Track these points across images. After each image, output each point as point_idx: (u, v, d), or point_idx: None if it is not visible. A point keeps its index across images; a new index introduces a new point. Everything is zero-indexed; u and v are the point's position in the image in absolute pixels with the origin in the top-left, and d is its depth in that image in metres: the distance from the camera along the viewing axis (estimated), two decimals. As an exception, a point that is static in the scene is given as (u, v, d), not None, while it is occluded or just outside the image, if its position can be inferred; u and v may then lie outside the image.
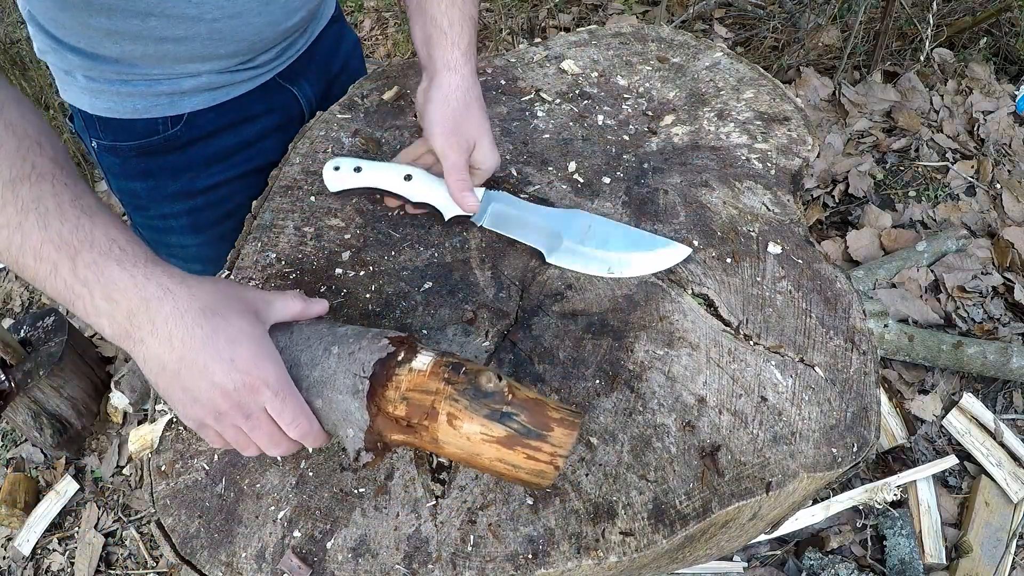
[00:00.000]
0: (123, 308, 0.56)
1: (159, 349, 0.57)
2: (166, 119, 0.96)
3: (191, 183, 1.03)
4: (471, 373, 0.58)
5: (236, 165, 1.05)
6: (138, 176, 1.02)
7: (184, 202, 1.05)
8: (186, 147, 0.99)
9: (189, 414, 0.60)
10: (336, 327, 0.65)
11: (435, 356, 0.60)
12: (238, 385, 0.57)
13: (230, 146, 1.03)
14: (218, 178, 1.04)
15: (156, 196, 1.04)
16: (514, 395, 0.57)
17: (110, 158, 1.00)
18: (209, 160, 1.02)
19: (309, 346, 0.63)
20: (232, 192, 1.04)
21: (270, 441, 0.61)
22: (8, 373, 1.93)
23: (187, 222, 1.07)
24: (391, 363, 0.59)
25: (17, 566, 1.91)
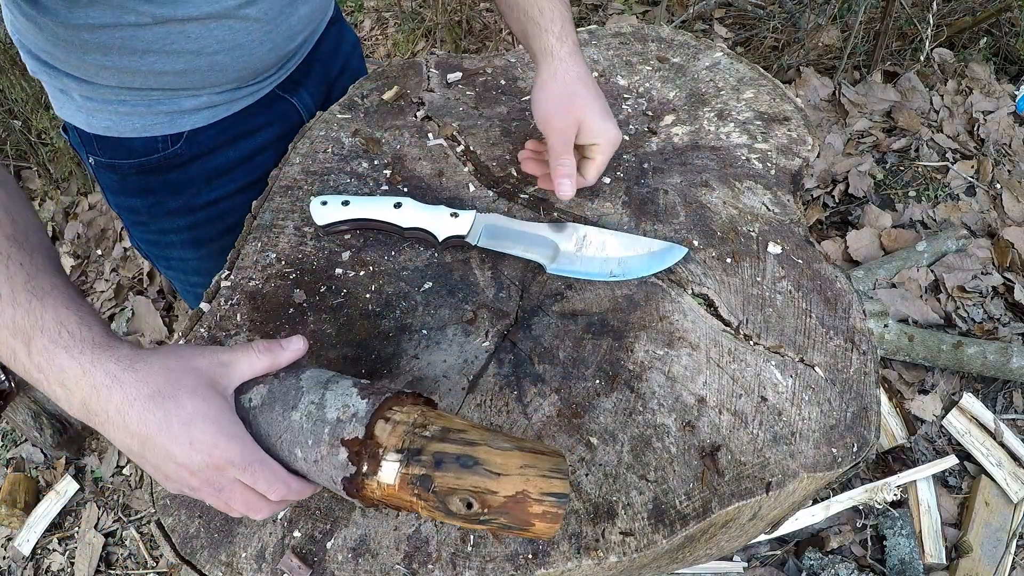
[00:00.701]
0: (77, 396, 0.55)
1: (118, 434, 0.56)
2: (165, 137, 0.94)
3: (192, 199, 1.02)
4: (441, 493, 0.54)
5: (236, 179, 1.04)
6: (137, 193, 1.01)
7: (185, 217, 1.04)
8: (186, 165, 0.98)
9: (166, 486, 0.60)
10: (290, 414, 0.59)
11: (400, 464, 0.56)
12: (201, 466, 0.56)
13: (231, 161, 1.02)
14: (218, 193, 1.03)
15: (156, 212, 1.03)
16: (489, 507, 0.54)
17: (108, 175, 0.99)
18: (210, 176, 1.01)
19: (271, 437, 0.60)
20: (233, 207, 1.03)
21: (249, 508, 0.59)
22: (8, 373, 1.93)
23: (188, 237, 1.06)
24: (357, 480, 0.57)
25: (17, 566, 1.91)
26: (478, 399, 0.74)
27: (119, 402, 0.55)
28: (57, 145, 2.89)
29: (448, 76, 1.12)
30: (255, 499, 0.59)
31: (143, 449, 0.56)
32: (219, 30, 0.83)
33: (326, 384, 0.61)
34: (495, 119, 1.04)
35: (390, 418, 0.58)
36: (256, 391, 0.61)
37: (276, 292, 0.84)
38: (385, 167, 0.97)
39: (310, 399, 0.59)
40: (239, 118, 0.98)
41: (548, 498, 0.53)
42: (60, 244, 2.82)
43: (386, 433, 0.57)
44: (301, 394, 0.60)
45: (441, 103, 1.07)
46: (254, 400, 0.60)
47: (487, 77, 1.12)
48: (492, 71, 1.14)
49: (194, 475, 0.57)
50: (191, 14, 0.79)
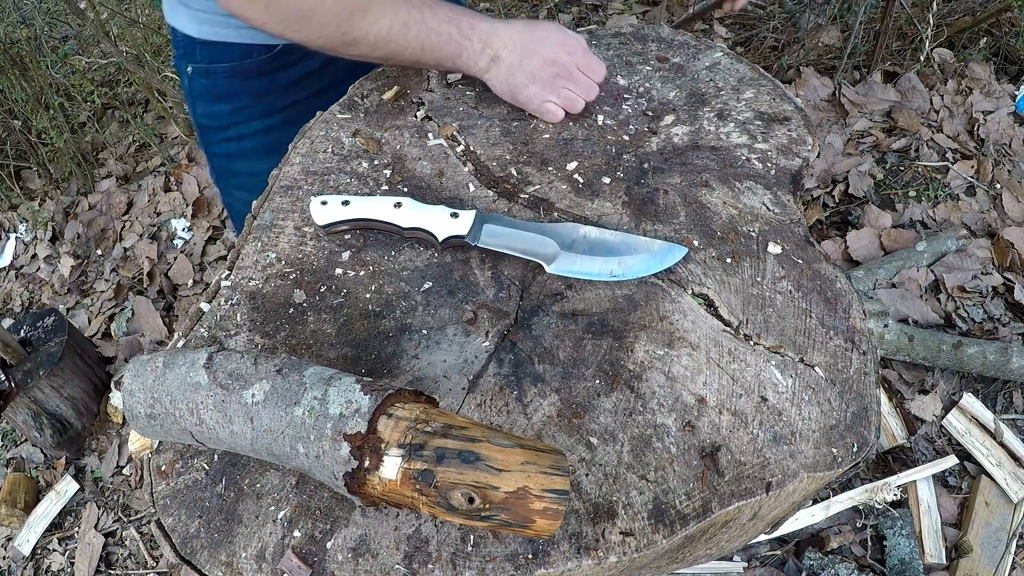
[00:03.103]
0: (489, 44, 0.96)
1: (509, 55, 0.97)
2: (262, 47, 1.10)
3: (272, 103, 1.17)
4: (442, 488, 0.55)
5: (312, 84, 1.19)
6: (225, 97, 1.16)
7: (263, 120, 1.19)
8: (274, 72, 1.14)
9: (534, 94, 0.99)
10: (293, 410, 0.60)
11: (401, 460, 0.56)
12: (560, 49, 0.97)
13: (311, 70, 1.16)
14: (296, 97, 1.18)
15: (238, 117, 1.18)
16: (490, 502, 0.54)
17: (202, 81, 1.15)
18: (290, 84, 1.17)
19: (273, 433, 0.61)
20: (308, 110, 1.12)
21: (589, 89, 1.00)
22: (8, 373, 1.93)
23: (262, 143, 1.20)
24: (358, 475, 0.57)
25: (17, 566, 1.91)
26: (478, 399, 0.74)
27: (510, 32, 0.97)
28: (57, 145, 2.89)
29: (448, 76, 1.12)
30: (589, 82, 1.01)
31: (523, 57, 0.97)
32: None
33: (329, 380, 0.61)
34: (495, 119, 1.04)
35: (392, 414, 0.58)
36: (259, 387, 0.61)
37: (276, 292, 0.84)
38: (385, 167, 0.97)
39: (313, 395, 0.60)
40: None
41: (549, 495, 0.54)
42: (60, 244, 2.82)
43: (388, 428, 0.57)
44: (304, 390, 0.60)
45: (441, 103, 1.07)
46: (256, 396, 0.61)
47: (487, 77, 1.12)
48: (492, 71, 1.14)
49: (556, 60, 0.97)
50: None
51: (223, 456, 0.72)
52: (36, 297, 2.71)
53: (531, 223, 0.86)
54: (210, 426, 0.62)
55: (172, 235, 2.70)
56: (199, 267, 2.57)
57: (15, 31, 2.86)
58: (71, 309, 2.60)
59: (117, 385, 2.03)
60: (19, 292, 2.73)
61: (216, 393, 0.62)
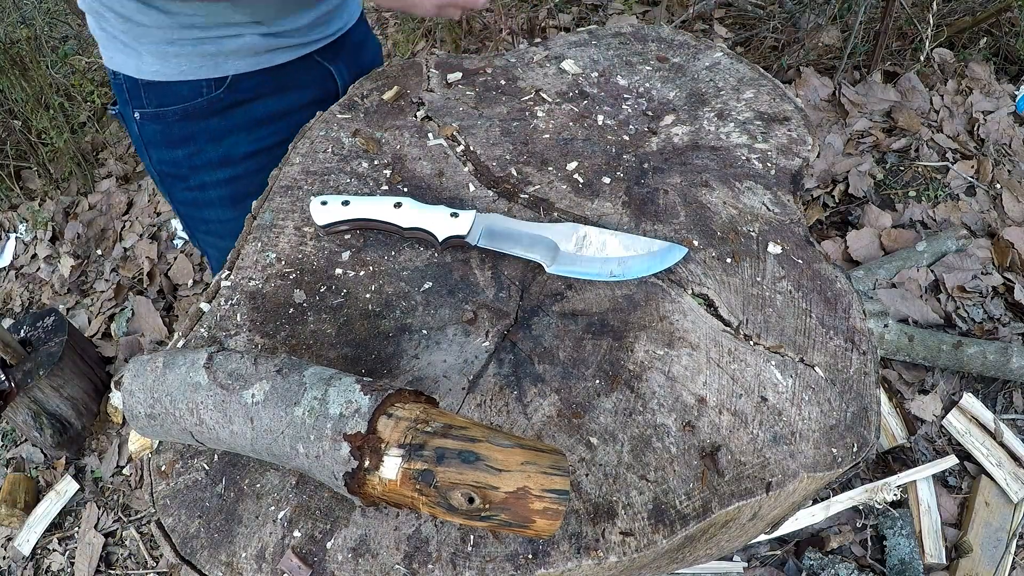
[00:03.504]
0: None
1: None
2: (210, 81, 1.00)
3: (233, 148, 1.07)
4: (442, 488, 0.55)
5: (276, 132, 1.08)
6: (180, 142, 1.05)
7: (225, 169, 1.08)
8: (228, 110, 1.04)
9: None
10: (293, 410, 0.60)
11: (401, 459, 0.56)
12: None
13: (271, 112, 1.07)
14: (259, 144, 1.08)
15: (197, 163, 1.07)
16: (490, 502, 0.54)
17: (152, 127, 1.04)
18: (251, 125, 1.06)
19: (273, 433, 0.61)
20: (272, 159, 1.06)
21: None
22: (8, 373, 1.93)
23: (227, 192, 1.10)
24: (358, 475, 0.57)
25: (17, 566, 1.91)
26: (478, 399, 0.74)
27: None
28: (57, 145, 2.89)
29: (448, 76, 1.12)
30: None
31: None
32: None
33: (329, 381, 0.61)
34: (495, 119, 1.04)
35: (392, 414, 0.58)
36: (259, 387, 0.61)
37: (276, 292, 0.84)
38: (385, 167, 0.97)
39: (313, 395, 0.60)
40: (280, 72, 1.04)
41: (549, 495, 0.54)
42: (60, 244, 2.82)
43: (388, 428, 0.57)
44: (304, 390, 0.60)
45: (441, 103, 1.07)
46: (257, 396, 0.61)
47: (487, 77, 1.12)
48: (492, 71, 1.14)
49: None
50: None
51: (223, 456, 0.72)
52: (36, 297, 2.71)
53: (531, 223, 0.86)
54: (210, 426, 0.62)
55: (172, 235, 2.70)
56: (199, 267, 2.57)
57: (15, 31, 2.86)
58: (71, 309, 2.60)
59: (117, 385, 2.03)
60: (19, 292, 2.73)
61: (216, 393, 0.62)
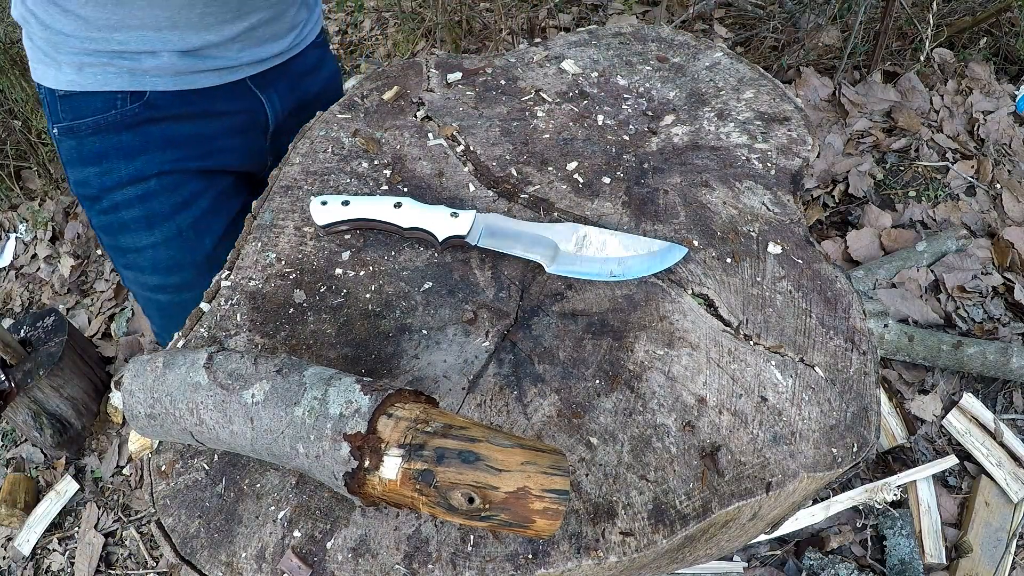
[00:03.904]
0: None
1: None
2: (125, 94, 0.94)
3: (145, 166, 1.00)
4: (442, 488, 0.55)
5: (193, 158, 1.02)
6: (92, 160, 0.99)
7: (136, 186, 1.01)
8: (142, 125, 0.97)
9: None
10: (293, 410, 0.60)
11: (401, 459, 0.56)
12: None
13: (190, 134, 1.00)
14: (172, 165, 1.01)
15: (108, 183, 1.01)
16: (490, 502, 0.54)
17: (68, 142, 0.99)
18: (166, 144, 1.00)
19: (273, 433, 0.61)
20: (187, 180, 1.02)
21: None
22: (8, 373, 1.93)
23: (140, 212, 1.03)
24: (358, 475, 0.57)
25: (17, 566, 1.91)
26: (478, 399, 0.74)
27: None
28: (57, 145, 2.88)
29: (448, 76, 1.12)
30: None
31: None
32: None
33: (329, 381, 0.61)
34: (495, 119, 1.04)
35: (392, 414, 0.58)
36: (259, 387, 0.61)
37: (276, 292, 0.84)
38: (385, 167, 0.97)
39: (313, 395, 0.60)
40: (204, 95, 0.98)
41: (549, 495, 0.54)
42: (60, 244, 2.82)
43: (388, 428, 0.57)
44: (304, 390, 0.60)
45: (441, 103, 1.07)
46: (257, 396, 0.61)
47: (487, 77, 1.12)
48: (492, 71, 1.14)
49: None
50: None
51: (223, 456, 0.72)
52: (36, 297, 2.71)
53: (531, 223, 0.86)
54: (210, 426, 0.62)
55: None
56: (199, 267, 2.56)
57: (15, 31, 2.86)
58: (71, 309, 2.60)
59: (117, 385, 2.03)
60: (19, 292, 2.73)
61: (216, 393, 0.62)
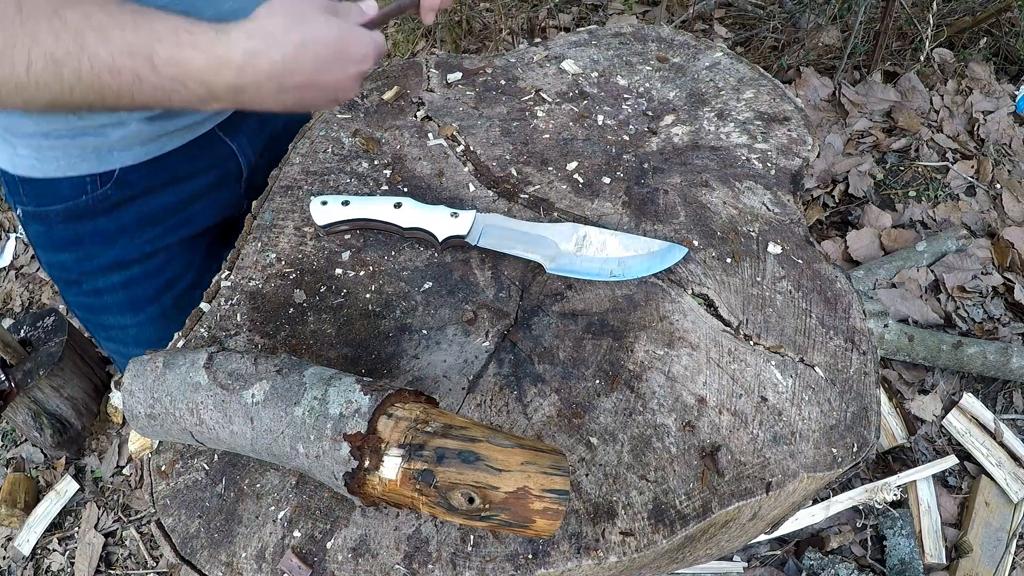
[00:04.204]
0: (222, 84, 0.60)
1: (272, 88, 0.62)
2: (94, 177, 0.86)
3: (125, 251, 0.94)
4: (442, 488, 0.55)
5: (172, 229, 0.96)
6: (66, 246, 0.92)
7: (119, 273, 0.96)
8: (117, 208, 0.90)
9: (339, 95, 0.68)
10: (293, 410, 0.60)
11: (401, 460, 0.56)
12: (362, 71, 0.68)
13: (165, 206, 0.94)
14: (154, 244, 0.95)
15: (88, 268, 0.95)
16: (490, 502, 0.54)
17: (36, 226, 0.91)
18: (143, 222, 0.93)
19: (273, 433, 0.61)
20: (169, 259, 0.97)
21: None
22: (8, 373, 1.93)
23: (123, 298, 0.98)
24: (358, 475, 0.57)
25: (17, 566, 1.91)
26: (478, 399, 0.74)
27: (268, 59, 0.60)
28: (57, 145, 2.88)
29: (448, 76, 1.12)
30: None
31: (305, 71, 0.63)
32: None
33: (329, 381, 0.61)
34: (495, 119, 1.04)
35: (392, 414, 0.58)
36: (259, 387, 0.61)
37: (276, 292, 0.84)
38: (385, 167, 0.97)
39: (313, 395, 0.60)
40: (173, 159, 0.91)
41: (549, 495, 0.54)
42: (60, 244, 2.82)
43: (388, 428, 0.57)
44: (304, 390, 0.60)
45: (441, 103, 1.07)
46: (256, 396, 0.61)
47: (487, 77, 1.12)
48: (492, 71, 1.14)
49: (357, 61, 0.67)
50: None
51: (223, 456, 0.72)
52: (36, 297, 2.71)
53: (531, 223, 0.86)
54: (210, 426, 0.62)
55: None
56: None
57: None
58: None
59: (117, 385, 2.03)
60: (19, 292, 2.73)
61: (216, 393, 0.62)
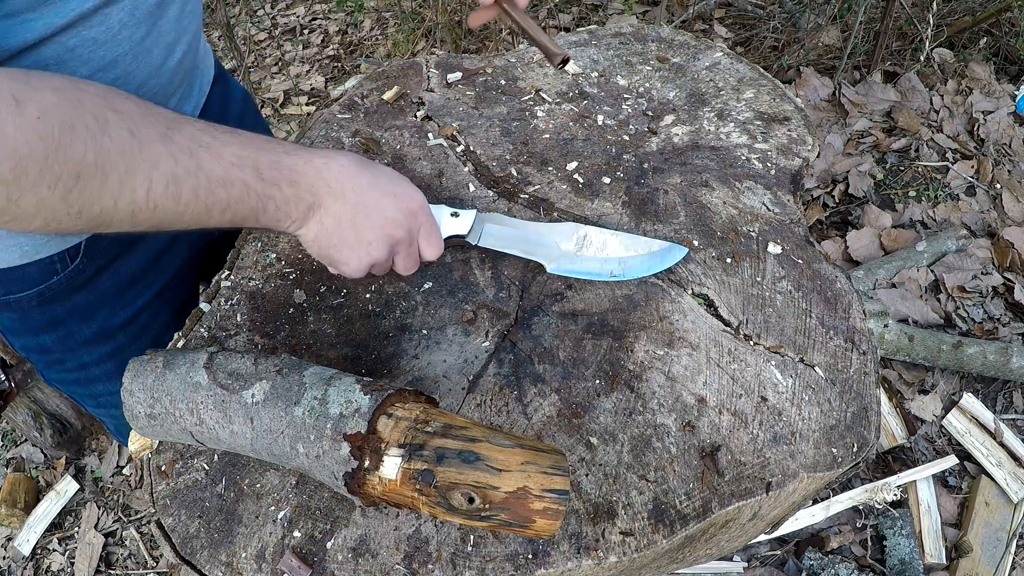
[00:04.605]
0: (305, 186, 0.66)
1: (337, 206, 0.67)
2: (62, 255, 0.81)
3: (108, 321, 0.90)
4: (442, 488, 0.55)
5: (151, 284, 0.93)
6: (44, 328, 0.88)
7: (104, 344, 0.92)
8: (92, 280, 0.86)
9: (365, 259, 0.70)
10: (293, 410, 0.60)
11: (401, 459, 0.56)
12: (406, 213, 0.71)
13: (140, 264, 0.90)
14: (135, 306, 0.92)
15: (70, 345, 0.91)
16: (490, 502, 0.54)
17: (8, 315, 0.86)
18: (121, 287, 0.89)
19: (273, 433, 0.61)
20: (154, 315, 0.94)
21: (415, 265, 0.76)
22: (8, 373, 1.93)
23: (113, 366, 0.95)
24: (358, 475, 0.57)
25: (17, 566, 1.91)
26: (478, 399, 0.74)
27: (336, 171, 0.67)
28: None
29: (448, 76, 1.12)
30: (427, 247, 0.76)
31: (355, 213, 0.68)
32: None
33: (329, 380, 0.61)
34: (495, 119, 1.04)
35: (392, 414, 0.58)
36: (259, 387, 0.61)
37: (276, 292, 0.84)
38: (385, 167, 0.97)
39: (313, 395, 0.60)
40: None
41: (549, 494, 0.54)
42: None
43: (388, 428, 0.57)
44: (304, 390, 0.60)
45: (441, 103, 1.07)
46: (256, 396, 0.61)
47: (487, 77, 1.12)
48: (492, 71, 1.14)
49: (399, 226, 0.70)
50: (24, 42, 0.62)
51: (223, 456, 0.72)
52: (36, 297, 2.71)
53: (532, 223, 0.86)
54: (210, 426, 0.62)
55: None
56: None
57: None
58: (71, 309, 2.59)
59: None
60: (19, 292, 2.73)
61: (216, 393, 0.62)
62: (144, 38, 0.72)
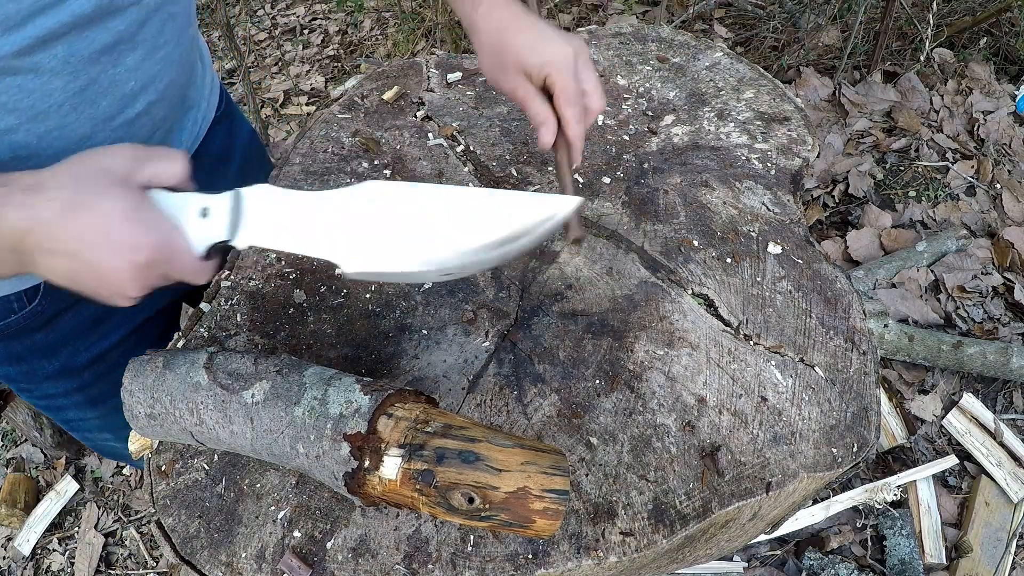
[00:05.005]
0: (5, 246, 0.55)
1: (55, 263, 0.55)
2: (19, 295, 0.78)
3: (72, 359, 0.87)
4: (442, 488, 0.54)
5: (121, 324, 0.88)
6: (7, 361, 0.85)
7: (69, 380, 0.89)
8: (52, 321, 0.82)
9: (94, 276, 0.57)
10: (293, 410, 0.60)
11: (401, 460, 0.56)
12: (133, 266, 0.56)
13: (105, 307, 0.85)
14: (103, 345, 0.88)
15: (34, 379, 0.88)
16: (490, 502, 0.54)
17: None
18: (83, 330, 0.85)
19: (273, 433, 0.60)
20: (124, 355, 0.86)
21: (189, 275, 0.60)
22: (8, 373, 1.93)
23: (80, 399, 0.92)
24: (358, 475, 0.57)
25: (17, 566, 1.91)
26: (478, 399, 0.74)
27: (39, 232, 0.53)
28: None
29: (448, 76, 1.12)
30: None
31: (76, 270, 0.55)
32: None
33: (329, 381, 0.61)
34: (495, 119, 1.04)
35: (392, 414, 0.58)
36: (259, 387, 0.61)
37: (276, 292, 0.84)
38: (385, 167, 0.97)
39: (313, 395, 0.60)
40: None
41: (549, 495, 0.54)
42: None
43: (388, 428, 0.57)
44: (304, 390, 0.60)
45: (441, 103, 1.07)
46: (256, 396, 0.61)
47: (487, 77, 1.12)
48: (492, 71, 1.14)
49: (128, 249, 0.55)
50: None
51: (223, 456, 0.72)
52: (36, 297, 2.71)
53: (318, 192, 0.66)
54: (210, 426, 0.62)
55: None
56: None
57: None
58: (71, 309, 2.59)
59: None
60: (19, 292, 2.73)
61: (216, 393, 0.62)
62: (86, 88, 0.67)
